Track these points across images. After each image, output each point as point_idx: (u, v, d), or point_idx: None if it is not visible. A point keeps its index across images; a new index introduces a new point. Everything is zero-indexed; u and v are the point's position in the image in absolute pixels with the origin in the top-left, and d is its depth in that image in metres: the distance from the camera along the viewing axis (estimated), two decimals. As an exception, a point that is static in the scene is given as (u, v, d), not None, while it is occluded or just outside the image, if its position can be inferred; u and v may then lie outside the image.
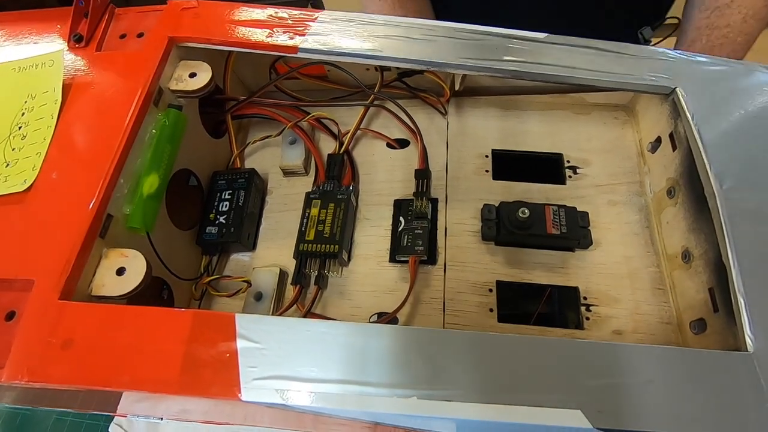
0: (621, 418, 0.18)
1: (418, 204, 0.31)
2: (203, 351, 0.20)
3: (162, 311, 0.22)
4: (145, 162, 0.27)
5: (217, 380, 0.20)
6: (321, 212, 0.31)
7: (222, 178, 0.33)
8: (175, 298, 0.29)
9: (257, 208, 0.34)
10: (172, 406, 0.34)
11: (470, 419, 0.19)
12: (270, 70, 0.35)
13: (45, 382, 0.20)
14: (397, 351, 0.20)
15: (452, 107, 0.36)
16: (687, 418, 0.18)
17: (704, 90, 0.27)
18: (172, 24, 0.30)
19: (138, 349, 0.21)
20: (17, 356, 0.21)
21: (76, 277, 0.23)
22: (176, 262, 0.29)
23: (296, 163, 0.34)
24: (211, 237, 0.31)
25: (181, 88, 0.29)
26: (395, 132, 0.35)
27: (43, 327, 0.21)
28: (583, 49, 0.29)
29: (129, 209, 0.26)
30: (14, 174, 0.26)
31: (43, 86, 0.29)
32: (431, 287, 0.30)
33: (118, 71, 0.29)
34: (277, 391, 0.20)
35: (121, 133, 0.26)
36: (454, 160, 0.34)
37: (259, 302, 0.30)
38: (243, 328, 0.21)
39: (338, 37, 0.29)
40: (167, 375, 0.20)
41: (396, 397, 0.19)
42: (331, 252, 0.29)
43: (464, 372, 0.20)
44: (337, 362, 0.20)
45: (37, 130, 0.27)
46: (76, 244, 0.23)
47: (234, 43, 0.30)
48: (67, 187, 0.25)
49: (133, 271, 0.24)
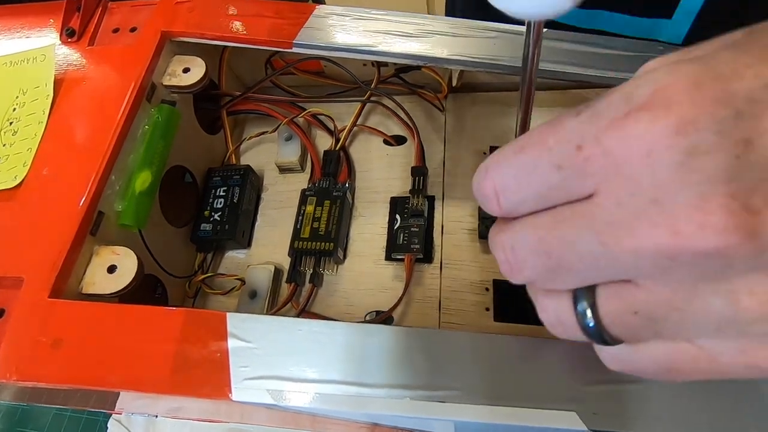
0: (616, 420, 0.18)
1: (414, 201, 0.30)
2: (194, 350, 0.20)
3: (153, 310, 0.21)
4: (138, 158, 0.26)
5: (208, 380, 0.20)
6: (316, 209, 0.30)
7: (217, 175, 0.33)
8: (169, 296, 0.29)
9: (252, 205, 0.33)
10: (169, 404, 0.34)
11: (467, 420, 0.19)
12: (266, 66, 0.35)
13: (34, 382, 0.20)
14: (392, 351, 0.20)
15: (450, 104, 0.35)
16: (683, 421, 0.18)
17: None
18: (165, 18, 0.30)
19: (128, 348, 0.20)
20: (6, 355, 0.21)
21: (66, 275, 0.22)
22: (170, 259, 0.28)
23: (292, 159, 0.34)
24: (206, 234, 0.31)
25: (174, 83, 0.29)
26: (392, 128, 0.35)
27: (33, 325, 0.21)
28: (582, 45, 0.28)
29: (121, 206, 0.25)
30: (5, 170, 0.26)
31: (35, 81, 0.28)
32: (427, 286, 0.29)
33: (111, 66, 0.29)
34: (268, 391, 0.19)
35: (113, 129, 0.26)
36: (452, 157, 0.33)
37: (254, 300, 0.30)
38: (234, 327, 0.21)
39: (334, 32, 0.29)
40: (158, 375, 0.20)
41: (391, 398, 0.19)
42: (327, 250, 0.29)
43: (460, 373, 0.19)
44: (331, 362, 0.20)
45: (28, 126, 0.27)
46: (67, 241, 0.23)
47: (228, 38, 0.30)
48: (58, 183, 0.25)
49: (125, 269, 0.23)
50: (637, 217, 0.11)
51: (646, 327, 0.13)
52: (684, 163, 0.11)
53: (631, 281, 0.12)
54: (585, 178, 0.12)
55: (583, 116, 0.12)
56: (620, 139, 0.11)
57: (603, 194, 0.12)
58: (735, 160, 0.10)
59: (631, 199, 0.11)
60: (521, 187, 0.13)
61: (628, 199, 0.11)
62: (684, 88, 0.11)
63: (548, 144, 0.13)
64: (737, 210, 0.10)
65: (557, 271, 0.13)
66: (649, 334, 0.13)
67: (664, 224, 0.11)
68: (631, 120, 0.11)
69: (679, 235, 0.11)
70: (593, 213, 0.12)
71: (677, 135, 0.11)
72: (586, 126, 0.12)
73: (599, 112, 0.12)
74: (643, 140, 0.11)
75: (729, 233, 0.10)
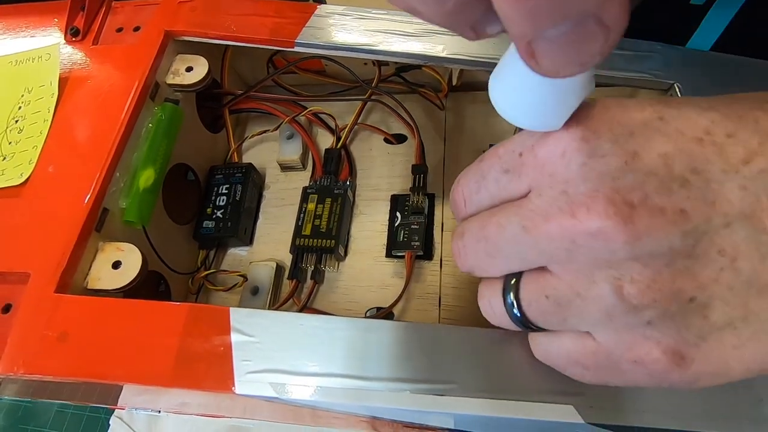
0: (613, 413, 0.18)
1: (414, 199, 0.31)
2: (198, 344, 0.21)
3: (157, 305, 0.22)
4: (141, 156, 0.27)
5: (211, 373, 0.20)
6: (318, 207, 0.31)
7: (219, 173, 0.33)
8: (172, 292, 0.30)
9: (254, 202, 0.34)
10: (171, 399, 0.34)
11: (465, 413, 0.19)
12: (267, 65, 0.35)
13: (41, 375, 0.20)
14: (392, 345, 0.20)
15: (450, 102, 0.36)
16: (679, 413, 0.18)
17: (702, 85, 0.27)
18: (168, 18, 0.30)
19: (133, 342, 0.21)
20: (13, 349, 0.21)
21: (72, 271, 0.23)
22: (173, 256, 0.29)
23: (294, 157, 0.34)
24: (208, 231, 0.31)
25: (177, 82, 0.29)
26: (393, 127, 0.35)
27: (39, 320, 0.21)
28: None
29: (125, 203, 0.26)
30: (11, 167, 0.26)
31: (40, 80, 0.29)
32: (427, 283, 0.30)
33: (115, 65, 0.29)
34: (271, 384, 0.20)
35: (117, 127, 0.26)
36: (452, 156, 0.34)
37: (256, 296, 0.30)
38: (237, 322, 0.21)
39: (336, 32, 0.29)
40: (161, 368, 0.20)
41: (391, 391, 0.19)
42: (328, 247, 0.30)
43: (460, 366, 0.20)
44: (333, 356, 0.20)
45: (34, 124, 0.27)
46: (72, 237, 0.23)
47: (231, 37, 0.30)
48: (63, 180, 0.25)
49: (129, 265, 0.24)
50: (551, 205, 0.14)
51: (556, 312, 0.15)
52: (586, 163, 0.14)
53: (546, 268, 0.15)
54: (521, 178, 0.15)
55: (525, 132, 0.15)
56: (545, 144, 0.14)
57: (532, 190, 0.15)
58: (624, 165, 0.13)
59: (549, 191, 0.14)
60: (480, 190, 0.16)
61: (546, 191, 0.14)
62: (596, 109, 0.14)
63: (499, 153, 0.16)
64: (618, 201, 0.13)
65: (492, 255, 0.16)
66: (558, 321, 0.15)
67: (568, 210, 0.14)
68: (552, 134, 0.14)
69: (575, 217, 0.13)
70: (522, 204, 0.15)
71: (582, 140, 0.14)
72: (526, 138, 0.15)
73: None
74: (559, 143, 0.14)
75: (608, 217, 0.13)
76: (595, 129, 0.14)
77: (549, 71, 0.12)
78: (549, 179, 0.14)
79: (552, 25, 0.11)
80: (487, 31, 0.13)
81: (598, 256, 0.13)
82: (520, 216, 0.15)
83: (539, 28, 0.11)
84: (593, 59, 0.11)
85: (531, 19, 0.11)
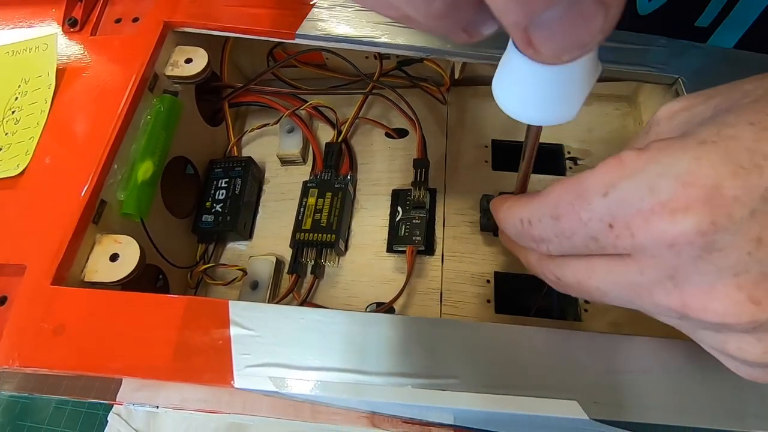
0: (617, 409, 0.18)
1: (416, 194, 0.30)
2: (196, 338, 0.20)
3: (155, 298, 0.21)
4: (140, 148, 0.26)
5: (210, 367, 0.20)
6: (318, 201, 0.30)
7: (219, 166, 0.33)
8: (170, 286, 0.29)
9: (254, 196, 0.33)
10: (170, 395, 0.34)
11: (467, 409, 0.19)
12: (268, 58, 0.35)
13: (36, 367, 0.20)
14: (393, 340, 0.20)
15: (452, 97, 0.35)
16: (683, 409, 0.18)
17: (706, 79, 0.27)
18: (167, 8, 0.30)
19: (130, 335, 0.20)
20: (9, 341, 0.21)
21: (68, 263, 0.22)
22: (172, 249, 0.28)
23: (294, 151, 0.34)
24: (207, 225, 0.31)
25: (176, 73, 0.29)
26: (394, 121, 0.35)
27: (35, 312, 0.21)
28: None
29: (123, 195, 0.25)
30: (7, 158, 0.26)
31: (37, 70, 0.28)
32: (428, 277, 0.29)
33: (113, 56, 0.29)
34: (270, 378, 0.19)
35: (115, 119, 0.26)
36: (454, 150, 0.33)
37: (255, 291, 0.30)
38: (237, 315, 0.21)
39: (337, 24, 0.29)
40: (160, 361, 0.20)
41: (392, 386, 0.19)
42: (328, 241, 0.29)
43: (461, 361, 0.19)
44: (333, 350, 0.20)
45: (31, 115, 0.27)
46: (69, 229, 0.23)
47: (231, 28, 0.29)
48: (60, 172, 0.25)
49: (127, 258, 0.23)
50: (656, 285, 0.14)
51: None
52: (701, 256, 0.12)
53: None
54: (617, 249, 0.14)
55: (611, 198, 0.14)
56: (647, 231, 0.13)
57: (631, 259, 0.14)
58: (746, 256, 0.12)
59: (653, 271, 0.13)
60: (562, 244, 0.16)
61: (649, 271, 0.14)
62: (705, 190, 0.12)
63: (582, 218, 0.14)
64: (741, 301, 0.12)
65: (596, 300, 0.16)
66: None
67: (676, 295, 0.13)
68: (655, 218, 0.13)
69: (686, 307, 0.13)
70: (621, 271, 0.14)
71: (697, 235, 0.12)
72: (614, 209, 0.14)
73: (625, 199, 0.13)
74: (667, 235, 0.13)
75: (728, 317, 0.13)
76: (710, 219, 0.12)
77: (550, 58, 0.11)
78: (652, 261, 0.13)
79: (546, 7, 0.10)
80: (481, 31, 0.12)
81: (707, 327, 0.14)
82: (622, 286, 0.15)
83: (533, 12, 0.10)
84: (594, 39, 0.11)
85: (523, 4, 0.10)
